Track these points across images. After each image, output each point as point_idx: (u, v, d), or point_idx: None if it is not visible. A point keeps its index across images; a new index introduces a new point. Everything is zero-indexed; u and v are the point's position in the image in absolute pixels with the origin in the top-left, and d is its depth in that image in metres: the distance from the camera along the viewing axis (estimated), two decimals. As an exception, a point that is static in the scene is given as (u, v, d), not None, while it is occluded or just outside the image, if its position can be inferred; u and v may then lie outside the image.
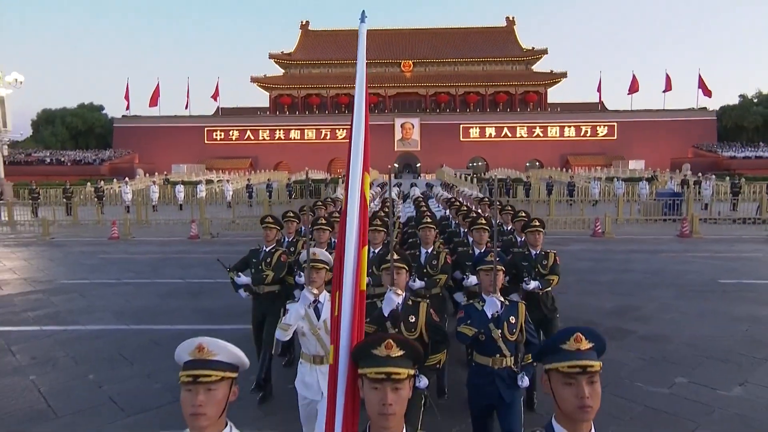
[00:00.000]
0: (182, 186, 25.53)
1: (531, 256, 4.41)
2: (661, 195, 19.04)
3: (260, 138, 52.87)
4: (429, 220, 4.59)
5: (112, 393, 4.34)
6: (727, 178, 28.13)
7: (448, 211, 7.71)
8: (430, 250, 4.46)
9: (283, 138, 52.78)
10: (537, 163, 50.97)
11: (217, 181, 33.25)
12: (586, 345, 1.45)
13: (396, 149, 52.80)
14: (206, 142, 52.81)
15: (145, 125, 52.71)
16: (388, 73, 56.98)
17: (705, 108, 52.71)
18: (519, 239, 5.42)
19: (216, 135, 53.14)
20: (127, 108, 53.66)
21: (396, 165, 51.83)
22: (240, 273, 4.53)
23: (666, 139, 49.74)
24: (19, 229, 17.10)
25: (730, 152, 45.38)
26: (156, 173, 39.83)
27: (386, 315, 2.74)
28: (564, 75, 56.41)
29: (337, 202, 9.18)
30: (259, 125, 53.19)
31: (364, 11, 2.02)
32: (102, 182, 28.81)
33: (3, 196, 23.67)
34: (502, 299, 2.87)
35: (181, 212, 21.55)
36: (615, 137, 51.68)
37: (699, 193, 23.28)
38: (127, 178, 32.62)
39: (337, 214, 6.77)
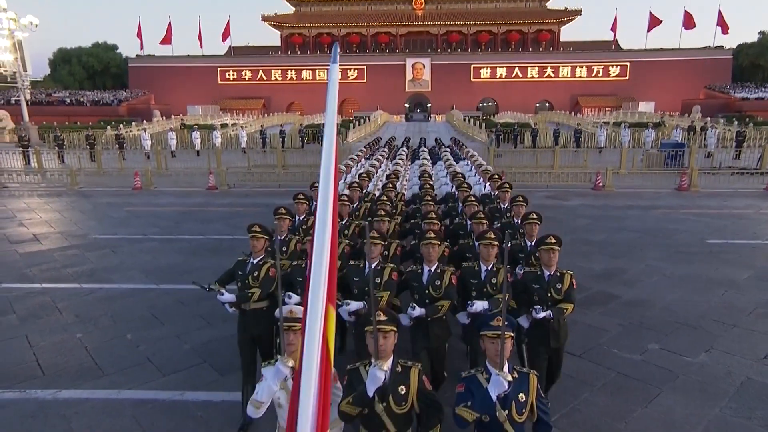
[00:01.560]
0: (198, 133, 25.96)
1: (543, 278, 3.80)
2: (664, 146, 18.87)
3: (272, 78, 52.40)
4: (433, 235, 3.87)
5: (149, 353, 5.07)
6: (735, 122, 27.23)
7: (454, 187, 7.33)
8: (433, 269, 3.81)
9: (295, 78, 52.19)
10: (547, 105, 50.67)
11: (232, 125, 33.43)
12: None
13: (407, 90, 52.25)
14: (219, 82, 52.60)
15: (159, 65, 52.64)
16: (399, 11, 55.18)
17: (722, 47, 50.34)
18: (517, 221, 5.43)
19: (229, 75, 52.79)
20: (141, 48, 53.67)
21: (407, 105, 51.27)
22: (223, 289, 3.96)
23: (678, 80, 48.36)
24: (48, 177, 17.97)
25: (742, 93, 44.20)
26: (172, 115, 40.21)
27: (371, 395, 2.38)
28: (578, 12, 54.30)
29: (341, 174, 8.91)
30: (272, 65, 52.67)
31: (336, 48, 2.04)
32: (122, 126, 29.40)
33: (30, 142, 24.47)
34: (510, 378, 2.39)
35: (198, 159, 22.12)
36: (627, 77, 50.67)
37: (704, 140, 22.84)
38: (145, 124, 33.07)
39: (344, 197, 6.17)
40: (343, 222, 5.48)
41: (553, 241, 3.75)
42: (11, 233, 10.35)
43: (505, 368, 2.43)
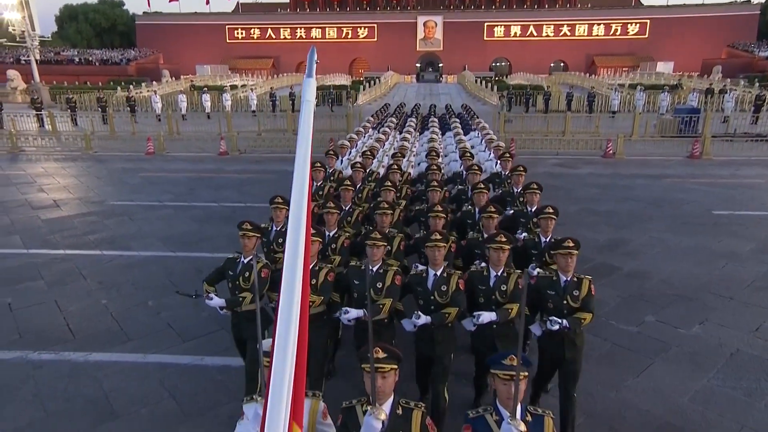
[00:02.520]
0: (208, 95, 25.88)
1: (559, 284, 3.46)
2: (679, 111, 18.34)
3: (281, 37, 51.32)
4: (439, 237, 3.50)
5: (169, 320, 5.42)
6: (757, 82, 26.19)
7: (462, 167, 6.82)
8: (439, 272, 3.51)
9: (304, 37, 51.05)
10: (562, 65, 49.01)
11: (241, 86, 33.10)
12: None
13: (418, 49, 50.89)
14: (228, 41, 51.67)
15: (167, 23, 51.81)
16: (411, -35, 52.40)
17: (748, 1, 47.67)
18: (530, 210, 4.99)
19: (237, 34, 51.77)
20: (148, 5, 52.22)
21: (418, 65, 49.97)
22: (212, 292, 3.77)
23: (700, 38, 46.29)
24: (63, 141, 18.25)
25: (767, 52, 41.77)
26: (181, 75, 39.83)
27: None
28: (597, -35, 51.24)
29: (344, 150, 8.30)
30: (280, 23, 51.47)
31: (313, 54, 1.69)
32: (132, 88, 29.34)
33: (42, 104, 24.64)
34: (524, 428, 2.10)
35: (209, 122, 22.15)
36: (646, 36, 48.67)
37: (721, 103, 22.13)
38: (155, 85, 32.89)
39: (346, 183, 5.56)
40: (347, 208, 5.13)
41: (571, 244, 3.40)
42: (32, 199, 10.72)
43: (518, 412, 2.14)
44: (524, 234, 4.68)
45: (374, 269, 3.56)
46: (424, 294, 3.53)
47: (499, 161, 6.90)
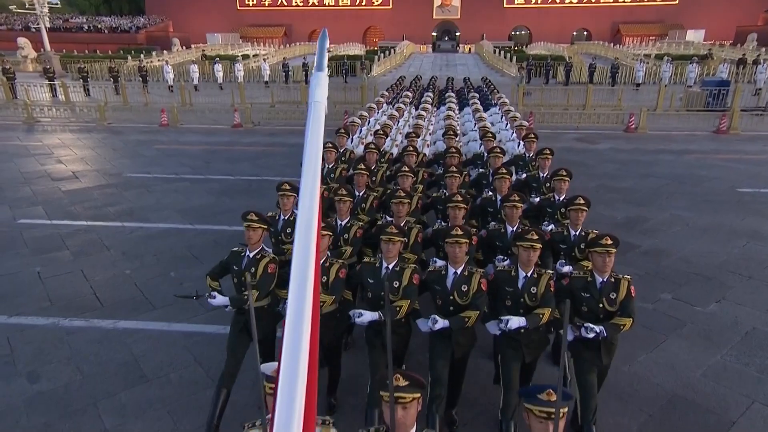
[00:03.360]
0: (220, 65, 25.66)
1: (595, 285, 3.16)
2: (707, 84, 17.63)
3: (293, 4, 50.12)
4: (460, 232, 3.21)
5: (192, 290, 5.55)
6: None
7: (483, 147, 6.44)
8: (459, 270, 3.24)
9: (317, 4, 49.71)
10: (585, 33, 46.99)
11: (253, 56, 32.68)
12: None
13: (435, 17, 49.30)
14: (239, 8, 50.67)
15: (175, -12, 50.65)
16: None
17: None
18: (558, 198, 4.68)
19: (248, 0, 50.52)
20: (155, -31, 51.16)
21: (434, 34, 48.57)
22: (215, 289, 3.57)
23: (734, 3, 43.44)
24: (77, 112, 18.37)
25: None
26: (192, 44, 39.42)
27: None
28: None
29: (355, 128, 7.79)
30: (293, -11, 49.89)
31: (325, 36, 1.24)
32: (143, 57, 29.21)
33: (55, 74, 24.70)
34: None
35: (221, 93, 22.05)
36: (676, 1, 45.73)
37: (753, 75, 21.19)
38: (166, 55, 32.64)
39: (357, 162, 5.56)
40: (360, 194, 4.81)
41: (609, 242, 3.10)
42: (51, 170, 10.91)
43: None
44: (551, 226, 4.39)
45: (390, 266, 3.31)
46: (443, 293, 3.26)
47: (522, 142, 6.49)
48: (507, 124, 7.94)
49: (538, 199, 4.98)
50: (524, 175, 5.70)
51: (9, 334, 4.77)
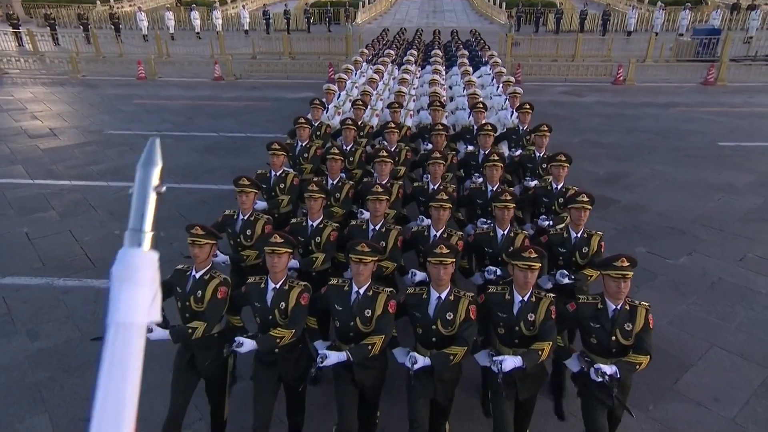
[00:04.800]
0: (197, 12, 24.32)
1: (606, 313, 2.70)
2: (697, 32, 17.40)
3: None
4: (446, 251, 2.74)
5: (182, 249, 5.59)
6: None
7: (472, 118, 5.89)
8: (444, 295, 2.79)
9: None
10: None
11: (231, 1, 30.91)
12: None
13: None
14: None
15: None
16: None
17: None
18: (556, 186, 4.15)
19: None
20: None
21: None
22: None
23: None
24: (48, 63, 17.49)
25: None
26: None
27: None
28: None
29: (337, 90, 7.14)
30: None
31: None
32: (112, 0, 27.47)
33: (19, 20, 23.16)
34: None
35: (200, 43, 21.06)
36: None
37: (746, 22, 20.91)
38: (138, 0, 30.66)
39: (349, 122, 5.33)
40: (334, 182, 4.30)
41: (626, 264, 2.62)
42: (28, 126, 10.57)
43: None
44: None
45: (362, 291, 2.81)
46: (424, 322, 2.76)
47: (516, 113, 5.84)
48: (498, 86, 7.30)
49: (533, 183, 4.57)
50: (518, 153, 5.25)
51: (4, 293, 4.86)
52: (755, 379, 3.80)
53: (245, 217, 3.62)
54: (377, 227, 3.52)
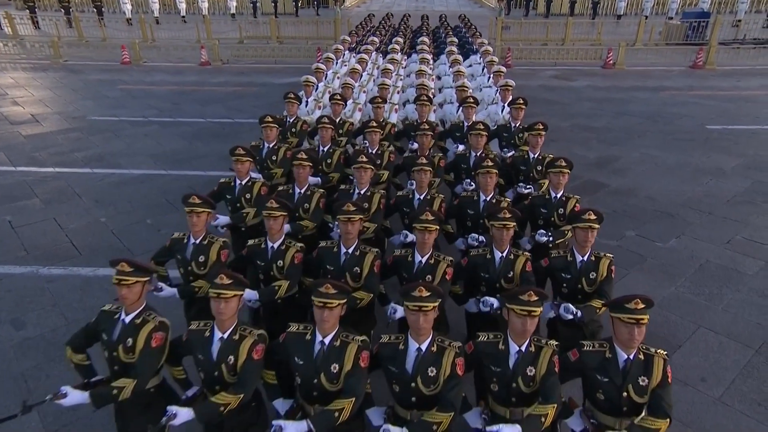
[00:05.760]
0: (181, -7, 23.67)
1: (616, 363, 2.32)
2: (687, 15, 17.44)
3: None
4: (425, 293, 2.32)
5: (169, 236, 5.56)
6: None
7: (461, 111, 5.52)
8: (425, 346, 2.35)
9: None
10: None
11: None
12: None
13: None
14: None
15: None
16: None
17: None
18: (555, 194, 3.84)
19: None
20: None
21: None
22: (78, 366, 2.67)
23: None
24: (28, 48, 16.98)
25: None
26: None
27: None
28: None
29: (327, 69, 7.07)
30: None
31: None
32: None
33: (-3, 4, 22.43)
34: None
35: (185, 27, 20.56)
36: None
37: (735, 4, 20.96)
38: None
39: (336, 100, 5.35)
40: (303, 190, 3.86)
41: (641, 306, 2.24)
42: (9, 113, 10.29)
43: None
44: (548, 237, 3.66)
45: (327, 341, 2.37)
46: (402, 378, 2.33)
47: (509, 108, 5.41)
48: (489, 77, 6.85)
49: (527, 190, 4.27)
50: (510, 153, 4.88)
51: (-13, 283, 4.76)
52: (741, 359, 3.86)
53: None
54: (350, 250, 3.11)
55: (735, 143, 8.47)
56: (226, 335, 2.39)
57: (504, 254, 3.12)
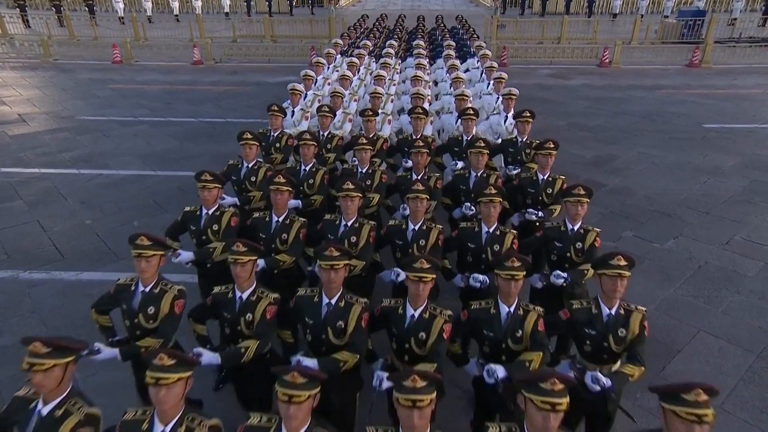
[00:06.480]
0: (174, -8, 23.42)
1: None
2: (682, 14, 17.41)
3: None
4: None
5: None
6: None
7: (460, 122, 5.05)
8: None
9: None
10: None
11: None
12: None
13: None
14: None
15: None
16: None
17: None
18: (572, 227, 3.40)
19: None
20: None
21: None
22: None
23: None
24: (18, 46, 16.74)
25: None
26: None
27: None
28: None
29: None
30: None
31: None
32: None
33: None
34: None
35: (178, 26, 20.35)
36: None
37: (730, 3, 20.96)
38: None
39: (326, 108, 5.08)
40: (281, 219, 3.43)
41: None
42: (-5, 113, 10.09)
43: None
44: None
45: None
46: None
47: (514, 121, 4.98)
48: (489, 84, 6.44)
49: (536, 216, 3.87)
50: (516, 171, 4.47)
51: (-35, 289, 4.60)
52: (742, 364, 3.76)
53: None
54: (333, 301, 2.63)
55: (733, 142, 8.39)
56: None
57: (511, 309, 2.61)
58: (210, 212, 3.44)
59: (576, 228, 3.41)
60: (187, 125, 9.37)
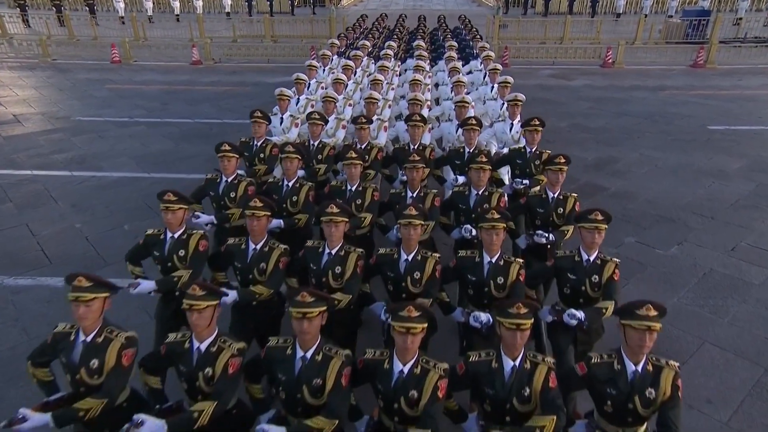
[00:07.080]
0: (175, -8, 23.35)
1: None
2: (687, 14, 17.22)
3: None
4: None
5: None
6: None
7: (461, 132, 4.72)
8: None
9: None
10: None
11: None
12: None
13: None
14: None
15: None
16: None
17: None
18: (588, 257, 3.01)
19: None
20: None
21: None
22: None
23: None
24: (16, 46, 16.69)
25: None
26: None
27: None
28: None
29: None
30: None
31: None
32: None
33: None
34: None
35: (178, 26, 20.27)
36: None
37: (735, 3, 20.74)
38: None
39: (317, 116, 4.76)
40: (257, 247, 3.05)
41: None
42: (-9, 114, 10.00)
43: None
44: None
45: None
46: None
47: (521, 129, 4.64)
48: (493, 87, 6.14)
49: (546, 239, 3.56)
50: (524, 185, 4.20)
51: (-52, 296, 4.49)
52: (749, 379, 3.61)
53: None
54: (308, 354, 2.27)
55: (737, 144, 8.22)
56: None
57: (516, 363, 2.29)
58: (176, 236, 3.03)
59: (592, 258, 2.98)
60: (183, 126, 9.25)
